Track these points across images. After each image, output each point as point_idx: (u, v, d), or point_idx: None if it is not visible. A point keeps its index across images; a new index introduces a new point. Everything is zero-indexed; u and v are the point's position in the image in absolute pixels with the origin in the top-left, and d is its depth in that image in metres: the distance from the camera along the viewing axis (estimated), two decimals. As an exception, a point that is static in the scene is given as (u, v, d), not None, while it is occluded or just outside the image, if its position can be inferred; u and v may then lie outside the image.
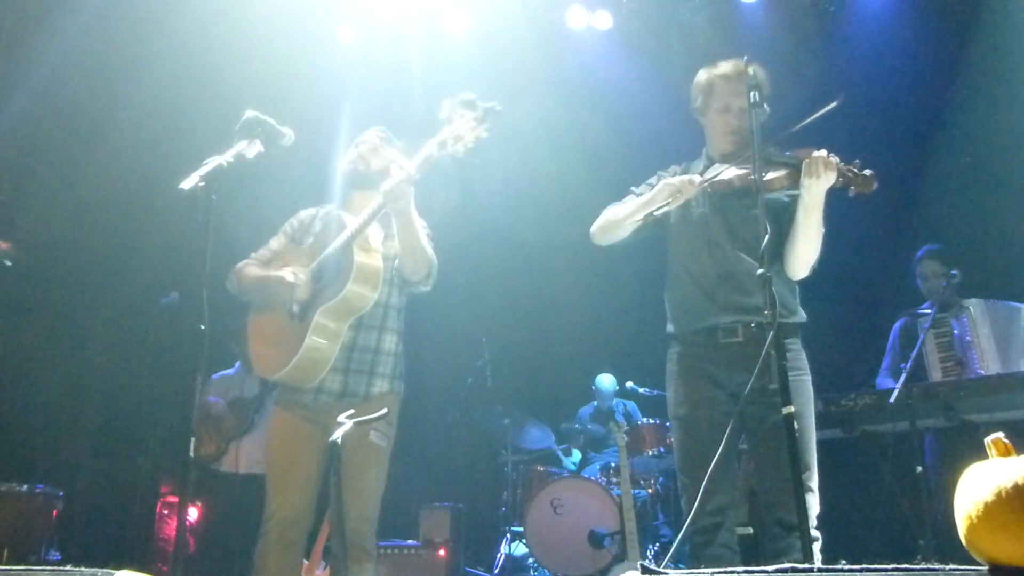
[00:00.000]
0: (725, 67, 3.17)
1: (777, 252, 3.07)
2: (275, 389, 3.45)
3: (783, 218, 3.08)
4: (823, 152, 2.86)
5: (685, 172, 3.26)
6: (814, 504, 2.87)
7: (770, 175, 2.93)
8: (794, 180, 2.94)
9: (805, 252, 3.02)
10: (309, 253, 3.34)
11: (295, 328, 3.15)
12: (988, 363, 4.52)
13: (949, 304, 4.78)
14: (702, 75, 3.25)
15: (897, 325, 5.07)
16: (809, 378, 3.07)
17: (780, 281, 3.06)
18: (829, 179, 2.85)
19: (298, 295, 3.19)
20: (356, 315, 3.19)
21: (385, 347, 3.30)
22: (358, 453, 3.08)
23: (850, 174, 2.87)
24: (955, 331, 4.72)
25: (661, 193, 3.01)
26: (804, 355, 3.10)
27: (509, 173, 7.13)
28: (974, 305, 4.70)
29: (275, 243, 3.45)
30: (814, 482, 2.92)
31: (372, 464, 3.13)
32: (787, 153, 2.98)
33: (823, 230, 3.00)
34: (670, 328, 3.20)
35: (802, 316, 3.14)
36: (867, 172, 2.88)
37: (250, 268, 3.37)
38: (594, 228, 3.31)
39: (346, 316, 3.17)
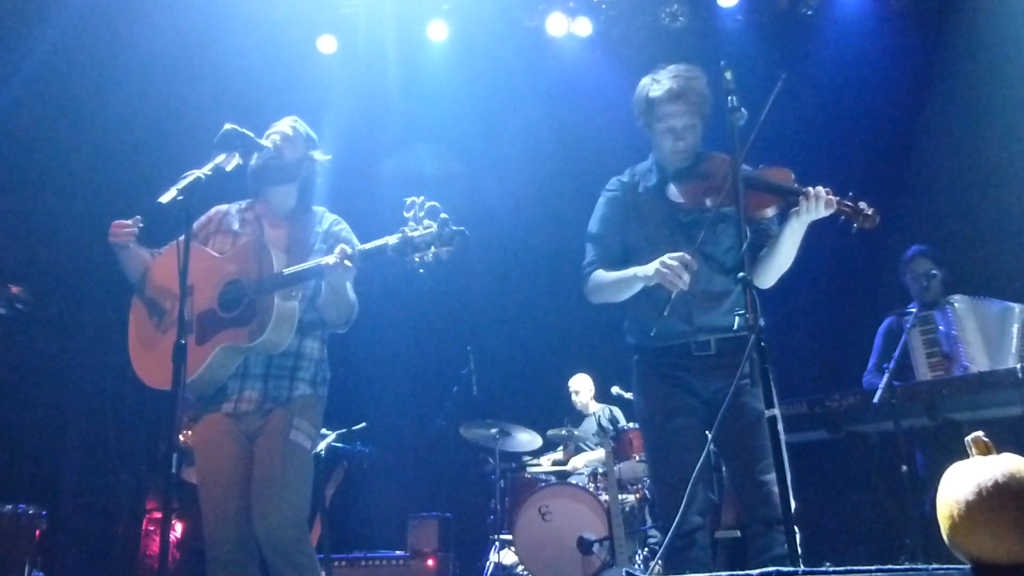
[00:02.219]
0: (664, 85, 3.06)
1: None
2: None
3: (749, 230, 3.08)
4: (822, 189, 2.87)
5: (632, 180, 3.24)
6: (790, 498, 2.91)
7: (756, 200, 2.91)
8: (781, 207, 2.94)
9: (781, 268, 3.05)
10: (218, 263, 3.15)
11: (189, 347, 2.93)
12: (975, 356, 4.54)
13: (935, 303, 4.82)
14: (641, 91, 3.16)
15: (883, 325, 5.10)
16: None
17: (741, 298, 3.09)
18: (825, 214, 2.87)
19: (194, 314, 3.06)
20: (260, 353, 3.07)
21: (307, 351, 3.17)
22: (276, 450, 2.98)
23: (847, 209, 2.88)
24: (940, 326, 4.73)
25: (663, 281, 2.84)
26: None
27: (490, 183, 7.15)
28: (959, 300, 4.73)
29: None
30: (789, 478, 2.95)
31: (292, 463, 2.98)
32: (760, 168, 2.98)
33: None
34: (634, 340, 3.19)
35: (763, 323, 3.16)
36: (869, 210, 2.88)
37: (140, 253, 3.23)
38: (587, 293, 3.26)
39: (247, 354, 3.06)
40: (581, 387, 6.77)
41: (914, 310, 4.78)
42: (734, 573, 1.59)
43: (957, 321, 4.68)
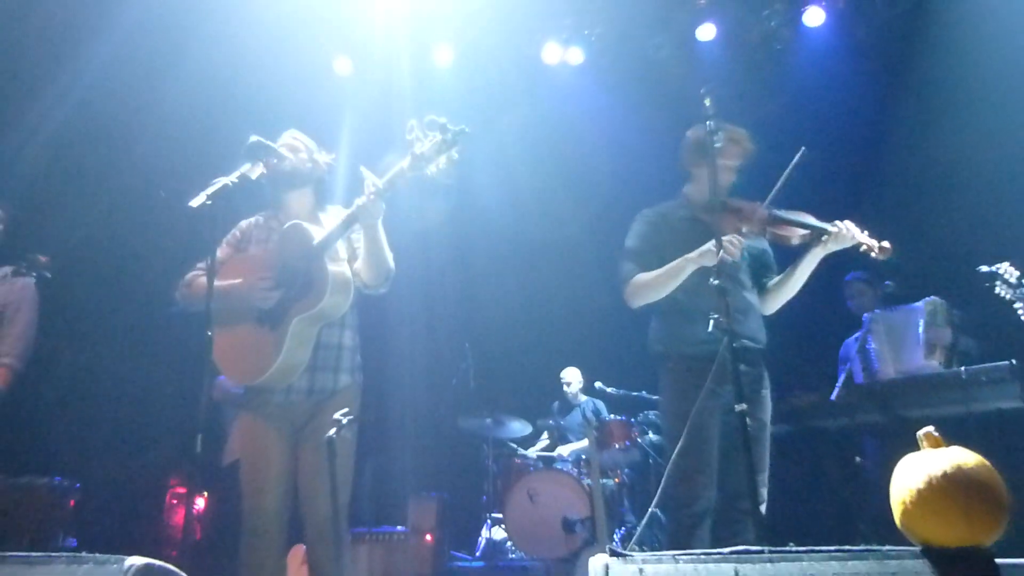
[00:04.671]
0: (728, 132, 3.23)
1: (755, 288, 3.32)
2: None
3: (760, 261, 3.33)
4: (850, 223, 3.10)
5: (662, 214, 3.35)
6: (765, 496, 3.05)
7: (788, 232, 3.15)
8: (807, 239, 3.14)
9: (789, 295, 3.30)
10: (262, 259, 3.15)
11: (266, 335, 3.01)
12: (884, 364, 4.63)
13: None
14: (705, 132, 3.24)
15: (841, 350, 5.21)
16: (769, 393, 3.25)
17: (760, 313, 3.32)
18: (849, 245, 3.09)
19: (264, 305, 3.05)
20: (328, 321, 3.10)
21: (346, 343, 3.20)
22: (325, 446, 2.97)
23: (868, 242, 3.08)
24: (868, 342, 4.87)
25: (704, 257, 3.03)
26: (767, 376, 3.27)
27: (489, 195, 7.15)
28: (870, 315, 4.87)
29: (219, 253, 3.22)
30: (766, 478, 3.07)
31: (343, 456, 2.97)
32: (787, 213, 3.17)
33: None
34: (664, 348, 3.26)
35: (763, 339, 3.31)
36: (886, 244, 3.06)
37: (204, 280, 3.10)
38: (629, 296, 3.29)
39: (319, 323, 3.07)
40: (572, 378, 6.80)
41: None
42: (708, 551, 1.59)
43: (873, 334, 4.79)
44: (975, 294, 4.26)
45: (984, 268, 3.86)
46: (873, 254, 3.05)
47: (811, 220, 3.15)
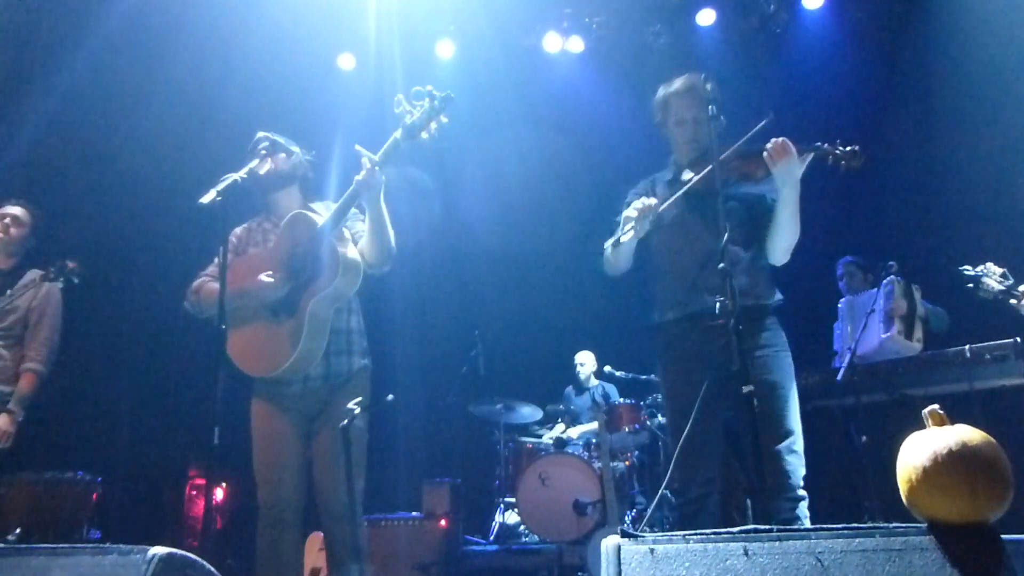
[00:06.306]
0: (676, 84, 3.14)
1: (754, 239, 3.05)
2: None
3: (758, 209, 3.06)
4: (778, 140, 2.84)
5: (652, 184, 3.23)
6: (799, 465, 2.83)
7: (743, 166, 2.93)
8: (768, 170, 2.91)
9: (785, 239, 2.99)
10: (265, 257, 3.11)
11: (283, 326, 2.98)
12: (844, 344, 4.68)
13: None
14: (659, 93, 3.21)
15: None
16: (788, 352, 3.00)
17: (760, 266, 3.05)
18: (792, 158, 2.83)
19: (276, 296, 3.02)
20: (340, 302, 3.07)
21: (354, 326, 3.18)
22: (339, 435, 2.94)
23: (836, 152, 2.86)
24: (835, 327, 4.98)
25: (626, 224, 2.94)
26: (783, 333, 3.03)
27: (497, 182, 7.13)
28: (842, 301, 4.93)
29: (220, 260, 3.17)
30: (799, 445, 2.86)
31: (357, 444, 2.97)
32: (748, 147, 2.95)
33: (799, 218, 2.97)
34: (657, 318, 3.10)
35: (779, 297, 3.08)
36: (854, 148, 2.86)
37: (212, 285, 3.11)
38: (605, 266, 3.19)
39: (333, 304, 3.04)
40: (586, 360, 6.83)
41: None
42: (717, 531, 1.59)
43: (840, 320, 4.87)
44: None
45: (968, 271, 3.75)
46: (843, 163, 2.83)
47: (760, 147, 2.91)
